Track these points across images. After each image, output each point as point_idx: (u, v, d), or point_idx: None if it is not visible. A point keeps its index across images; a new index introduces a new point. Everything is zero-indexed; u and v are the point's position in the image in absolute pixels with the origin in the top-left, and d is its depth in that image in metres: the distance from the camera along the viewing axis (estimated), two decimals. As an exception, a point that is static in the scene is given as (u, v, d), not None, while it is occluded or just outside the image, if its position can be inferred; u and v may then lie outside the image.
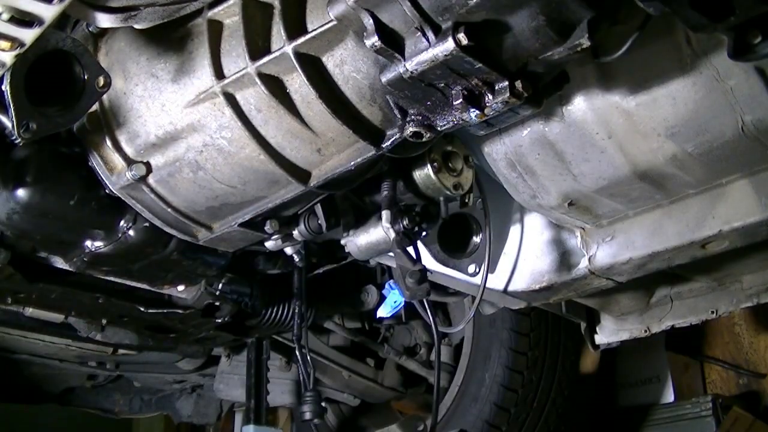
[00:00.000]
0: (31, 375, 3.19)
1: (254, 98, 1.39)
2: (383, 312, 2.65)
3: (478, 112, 1.25)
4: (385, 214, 1.67)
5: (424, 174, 1.69)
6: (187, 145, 1.48)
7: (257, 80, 1.35)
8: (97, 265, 1.84)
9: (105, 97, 1.45)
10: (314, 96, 1.33)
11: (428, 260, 1.94)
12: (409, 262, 1.66)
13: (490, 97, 1.23)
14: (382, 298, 2.74)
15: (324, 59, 1.33)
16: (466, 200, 1.78)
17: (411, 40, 1.18)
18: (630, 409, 3.63)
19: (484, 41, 1.15)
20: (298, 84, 1.35)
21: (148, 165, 1.53)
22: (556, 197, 1.74)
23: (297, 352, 2.20)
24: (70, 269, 1.87)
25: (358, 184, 1.64)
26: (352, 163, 1.44)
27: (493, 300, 2.21)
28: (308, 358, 2.20)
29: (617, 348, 2.83)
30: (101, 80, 1.33)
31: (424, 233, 1.81)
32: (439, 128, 1.33)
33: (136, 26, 1.32)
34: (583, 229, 1.90)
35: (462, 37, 1.11)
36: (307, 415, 2.17)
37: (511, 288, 2.03)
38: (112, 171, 1.56)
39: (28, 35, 1.10)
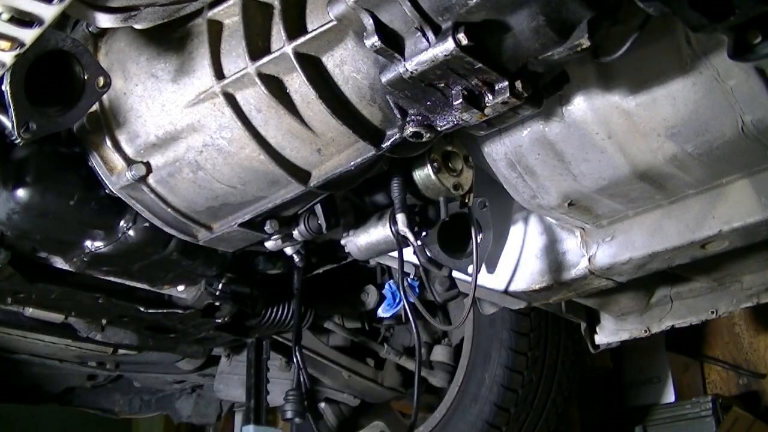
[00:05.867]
0: (31, 375, 3.19)
1: (254, 98, 1.39)
2: (383, 312, 2.65)
3: (478, 112, 1.25)
4: (401, 217, 1.68)
5: (424, 174, 1.69)
6: (187, 145, 1.48)
7: (257, 80, 1.35)
8: (97, 265, 1.84)
9: (105, 97, 1.45)
10: (314, 96, 1.33)
11: (428, 260, 1.94)
12: (434, 267, 1.69)
13: (490, 97, 1.24)
14: (382, 298, 2.74)
15: (324, 59, 1.33)
16: (466, 200, 1.78)
17: (411, 40, 1.18)
18: (631, 409, 3.63)
19: (484, 41, 1.15)
20: (298, 84, 1.36)
21: (148, 165, 1.53)
22: (556, 197, 1.74)
23: (294, 353, 2.20)
24: (70, 269, 1.88)
25: (358, 184, 1.64)
26: (352, 163, 1.44)
27: (493, 300, 2.21)
28: (303, 358, 2.20)
29: (621, 348, 2.83)
30: (101, 80, 1.33)
31: (423, 233, 1.81)
32: (439, 128, 1.33)
33: (136, 26, 1.32)
34: (583, 229, 1.90)
35: (462, 37, 1.11)
36: (288, 414, 2.17)
37: (511, 288, 2.03)
38: (112, 171, 1.56)
39: (28, 35, 1.10)
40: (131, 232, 1.72)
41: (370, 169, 1.59)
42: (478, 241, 1.90)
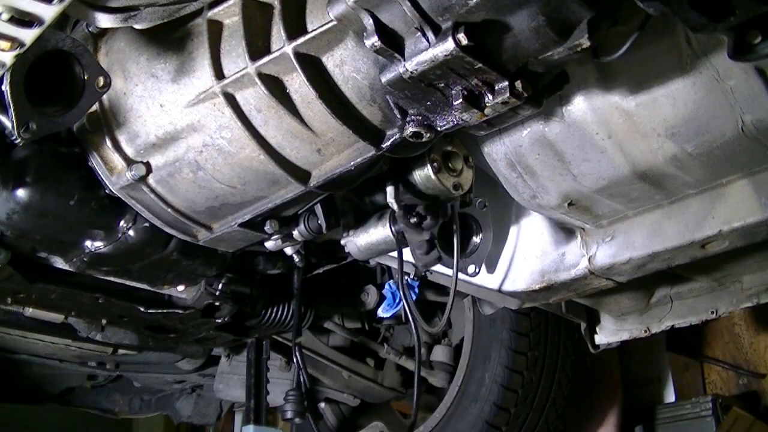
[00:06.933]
0: (31, 375, 3.19)
1: (254, 98, 1.39)
2: (383, 312, 2.65)
3: (478, 112, 1.25)
4: (390, 189, 1.68)
5: (424, 174, 1.69)
6: (187, 145, 1.48)
7: (257, 80, 1.35)
8: (97, 265, 1.84)
9: (105, 97, 1.45)
10: (314, 96, 1.33)
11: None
12: (415, 234, 1.68)
13: (490, 97, 1.24)
14: (382, 298, 2.74)
15: (324, 59, 1.33)
16: (466, 200, 1.78)
17: (411, 40, 1.18)
18: (631, 409, 3.63)
19: (484, 41, 1.15)
20: (298, 84, 1.36)
21: (148, 165, 1.53)
22: (556, 197, 1.74)
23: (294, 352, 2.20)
24: (70, 269, 1.88)
25: (358, 184, 1.64)
26: (352, 163, 1.44)
27: (492, 300, 2.21)
28: (303, 358, 2.20)
29: (623, 349, 2.82)
30: (101, 80, 1.33)
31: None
32: (439, 128, 1.33)
33: (136, 26, 1.32)
34: (583, 229, 1.90)
35: (462, 37, 1.11)
36: (288, 414, 2.17)
37: (510, 288, 2.03)
38: (112, 171, 1.56)
39: (28, 35, 1.10)
40: (131, 232, 1.72)
41: (370, 169, 1.59)
42: (479, 240, 1.91)
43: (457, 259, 1.83)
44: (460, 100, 1.24)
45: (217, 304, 2.27)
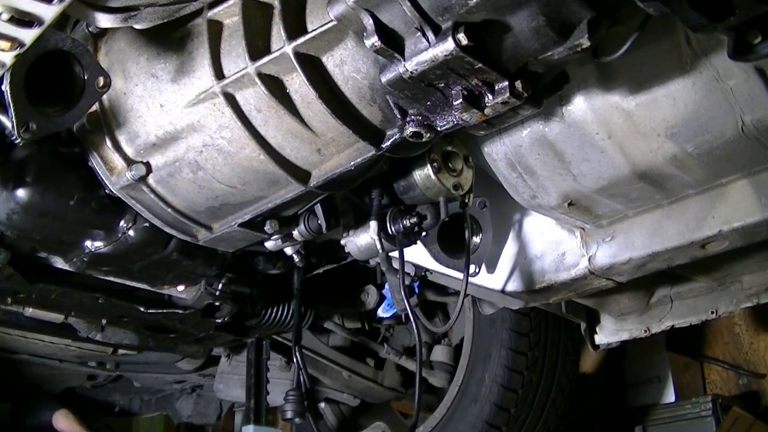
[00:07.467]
0: (31, 375, 3.19)
1: (254, 98, 1.39)
2: (383, 312, 2.66)
3: (478, 112, 1.25)
4: (373, 224, 1.69)
5: (424, 174, 1.69)
6: (187, 145, 1.48)
7: (257, 80, 1.35)
8: (97, 265, 1.84)
9: (105, 97, 1.45)
10: (314, 96, 1.33)
11: (428, 260, 1.94)
12: (393, 276, 1.71)
13: (490, 97, 1.24)
14: (382, 298, 2.74)
15: (324, 59, 1.33)
16: (466, 200, 1.78)
17: (411, 40, 1.18)
18: (631, 409, 3.63)
19: (484, 41, 1.15)
20: (298, 84, 1.36)
21: (148, 165, 1.53)
22: (556, 197, 1.74)
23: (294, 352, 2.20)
24: (70, 269, 1.88)
25: (358, 184, 1.64)
26: (352, 163, 1.44)
27: (492, 300, 2.21)
28: (303, 358, 2.20)
29: (623, 349, 2.81)
30: (101, 80, 1.33)
31: (424, 233, 1.81)
32: (438, 128, 1.33)
33: (136, 26, 1.32)
34: (583, 229, 1.90)
35: (462, 37, 1.11)
36: (288, 414, 2.17)
37: (510, 288, 2.03)
38: (112, 171, 1.56)
39: (28, 35, 1.10)
40: (131, 232, 1.72)
41: (370, 169, 1.59)
42: (479, 240, 1.90)
43: (468, 259, 1.83)
44: (460, 100, 1.24)
45: (217, 304, 2.27)
